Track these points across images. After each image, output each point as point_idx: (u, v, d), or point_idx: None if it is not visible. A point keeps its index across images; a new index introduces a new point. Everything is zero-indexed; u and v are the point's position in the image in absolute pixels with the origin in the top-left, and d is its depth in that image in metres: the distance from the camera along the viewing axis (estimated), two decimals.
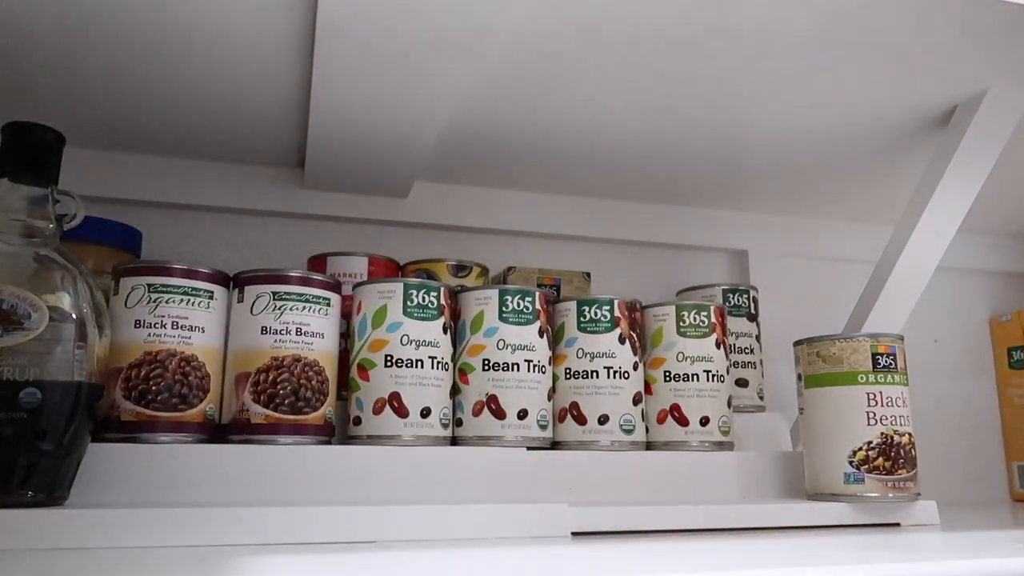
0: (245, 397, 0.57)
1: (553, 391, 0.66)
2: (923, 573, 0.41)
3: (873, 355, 0.62)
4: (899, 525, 0.62)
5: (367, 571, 0.40)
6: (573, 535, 0.52)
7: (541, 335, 0.64)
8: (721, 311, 0.70)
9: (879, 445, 0.61)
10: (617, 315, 0.66)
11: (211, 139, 0.74)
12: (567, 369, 0.66)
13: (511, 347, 0.63)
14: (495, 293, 0.64)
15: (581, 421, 0.65)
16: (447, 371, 0.62)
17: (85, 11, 0.54)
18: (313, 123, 0.67)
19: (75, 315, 0.48)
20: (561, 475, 0.61)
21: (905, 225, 0.73)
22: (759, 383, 0.78)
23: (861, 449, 0.61)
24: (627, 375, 0.66)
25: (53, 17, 0.54)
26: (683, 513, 0.57)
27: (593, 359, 0.66)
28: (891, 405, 0.62)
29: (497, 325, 0.63)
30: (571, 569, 0.42)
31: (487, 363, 0.63)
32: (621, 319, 0.66)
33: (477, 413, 0.62)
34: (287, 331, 0.58)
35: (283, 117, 0.70)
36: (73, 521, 0.45)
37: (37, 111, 0.67)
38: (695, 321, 0.68)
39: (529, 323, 0.64)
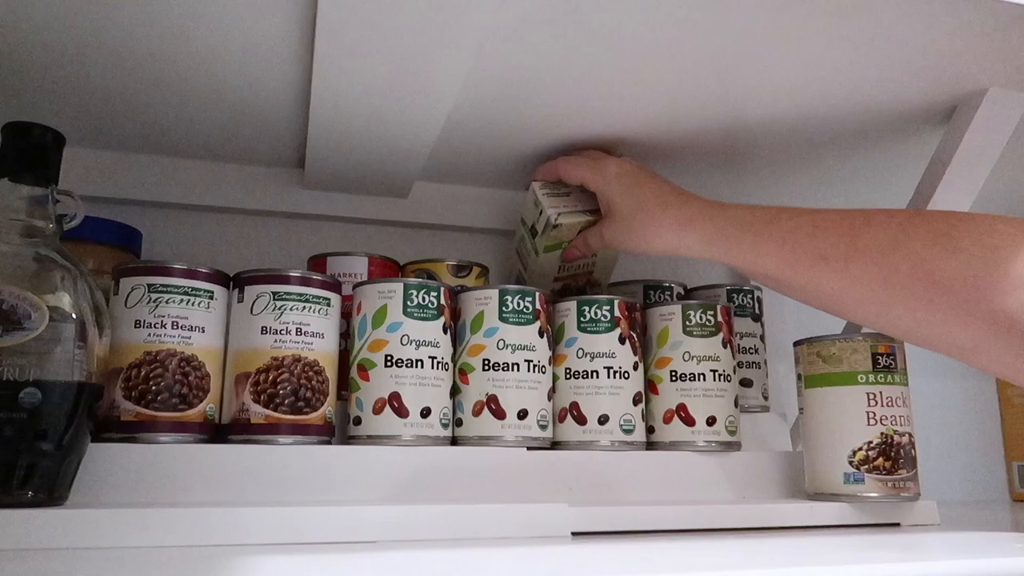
0: (245, 397, 0.57)
1: (553, 391, 0.66)
2: (923, 573, 0.41)
3: (873, 355, 0.62)
4: (899, 525, 0.62)
5: (367, 571, 0.40)
6: (573, 535, 0.52)
7: (541, 335, 0.64)
8: (727, 310, 0.70)
9: (879, 445, 0.61)
10: (617, 315, 0.66)
11: (211, 139, 0.74)
12: (567, 369, 0.66)
13: (511, 347, 0.63)
14: (495, 293, 0.64)
15: (581, 421, 0.65)
16: (447, 371, 0.62)
17: (85, 11, 0.54)
18: (313, 123, 0.67)
19: (75, 315, 0.48)
20: (561, 475, 0.61)
21: None
22: (763, 383, 0.78)
23: (861, 449, 0.61)
24: (627, 375, 0.66)
25: (53, 17, 0.54)
26: (683, 513, 0.57)
27: (593, 359, 0.65)
28: (891, 405, 0.62)
29: (497, 325, 0.63)
30: (571, 569, 0.42)
31: (487, 363, 0.63)
32: (621, 319, 0.66)
33: (477, 413, 0.62)
34: (287, 331, 0.58)
35: (283, 117, 0.70)
36: (73, 521, 0.45)
37: (37, 111, 0.67)
38: (701, 320, 0.68)
39: (529, 323, 0.64)
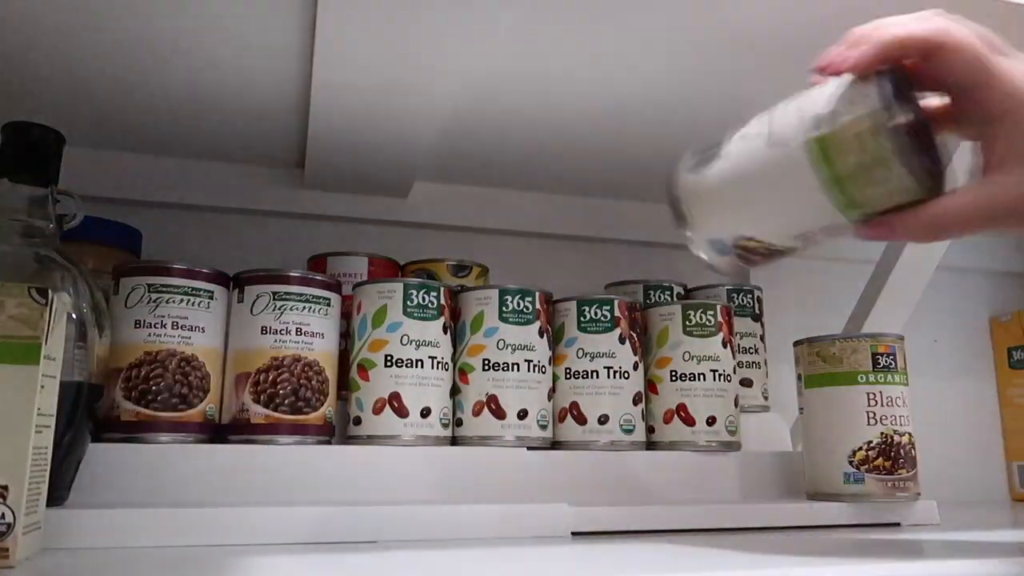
0: (245, 397, 0.57)
1: (553, 391, 0.66)
2: (923, 573, 0.41)
3: (873, 355, 0.62)
4: (899, 525, 0.62)
5: (367, 571, 0.40)
6: (573, 535, 0.52)
7: (541, 335, 0.64)
8: (727, 310, 0.69)
9: (879, 445, 0.61)
10: (617, 315, 0.66)
11: (211, 139, 0.74)
12: (567, 369, 0.66)
13: (511, 347, 0.63)
14: (495, 293, 0.64)
15: (581, 421, 0.65)
16: (447, 371, 0.62)
17: (85, 11, 0.54)
18: (313, 123, 0.67)
19: (75, 315, 0.48)
20: (561, 475, 0.61)
21: None
22: (763, 383, 0.78)
23: (861, 449, 0.61)
24: (627, 375, 0.66)
25: (54, 18, 0.54)
26: (683, 513, 0.57)
27: (593, 359, 0.65)
28: (891, 405, 0.62)
29: (497, 325, 0.63)
30: (571, 569, 0.42)
31: (487, 363, 0.63)
32: (621, 319, 0.66)
33: (477, 413, 0.62)
34: (287, 331, 0.58)
35: (283, 117, 0.70)
36: (73, 521, 0.45)
37: (37, 111, 0.67)
38: (701, 320, 0.68)
39: (529, 323, 0.64)
